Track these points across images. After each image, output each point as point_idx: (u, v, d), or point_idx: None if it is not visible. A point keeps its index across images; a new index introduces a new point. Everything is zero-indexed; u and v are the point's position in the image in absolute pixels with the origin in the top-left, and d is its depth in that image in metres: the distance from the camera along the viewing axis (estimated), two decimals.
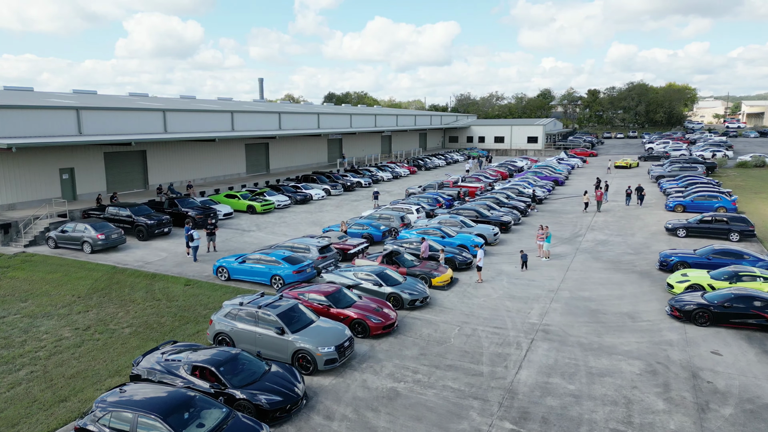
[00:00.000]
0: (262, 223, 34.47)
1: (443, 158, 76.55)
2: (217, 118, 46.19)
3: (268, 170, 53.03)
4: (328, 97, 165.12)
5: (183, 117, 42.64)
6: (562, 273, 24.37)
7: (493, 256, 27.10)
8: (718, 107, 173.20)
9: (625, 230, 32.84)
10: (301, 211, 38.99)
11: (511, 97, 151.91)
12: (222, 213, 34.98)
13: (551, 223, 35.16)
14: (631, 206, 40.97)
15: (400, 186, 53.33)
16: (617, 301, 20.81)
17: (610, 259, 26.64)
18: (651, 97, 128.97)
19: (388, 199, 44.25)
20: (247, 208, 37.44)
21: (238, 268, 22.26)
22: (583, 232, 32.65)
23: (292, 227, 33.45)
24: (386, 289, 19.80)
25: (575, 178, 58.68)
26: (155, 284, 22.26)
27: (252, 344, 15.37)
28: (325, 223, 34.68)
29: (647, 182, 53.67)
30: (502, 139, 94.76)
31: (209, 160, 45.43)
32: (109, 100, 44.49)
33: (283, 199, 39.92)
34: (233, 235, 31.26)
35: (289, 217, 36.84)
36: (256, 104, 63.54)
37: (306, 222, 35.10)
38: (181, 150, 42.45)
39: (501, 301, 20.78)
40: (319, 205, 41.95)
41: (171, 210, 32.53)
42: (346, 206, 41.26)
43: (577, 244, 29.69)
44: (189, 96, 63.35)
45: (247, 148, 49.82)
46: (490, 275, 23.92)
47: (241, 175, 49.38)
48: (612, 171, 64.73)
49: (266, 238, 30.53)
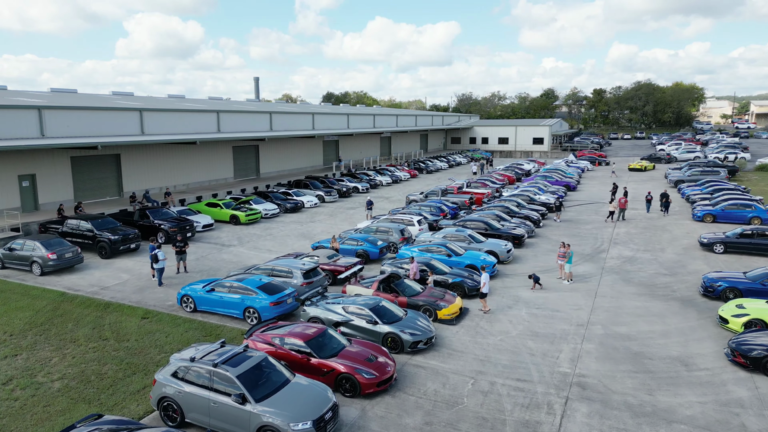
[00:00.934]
0: (245, 236, 30.82)
1: (445, 161, 72.93)
2: (201, 119, 42.58)
3: (258, 174, 49.40)
4: (326, 96, 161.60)
5: (162, 117, 39.04)
6: (590, 300, 20.73)
7: (506, 278, 23.46)
8: (725, 107, 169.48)
9: (653, 244, 29.20)
10: (290, 221, 35.34)
11: (514, 96, 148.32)
12: (201, 224, 31.37)
13: (568, 235, 31.51)
14: (653, 214, 37.32)
15: (400, 191, 49.71)
16: (662, 339, 17.17)
17: (642, 281, 22.99)
18: (658, 97, 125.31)
19: (387, 207, 40.62)
20: (230, 218, 33.81)
21: (207, 297, 18.63)
22: (605, 246, 29.01)
23: (278, 241, 29.81)
24: (383, 327, 16.16)
25: (587, 183, 55.03)
26: (106, 317, 18.62)
27: (205, 414, 11.75)
28: (315, 236, 31.04)
29: (665, 188, 50.00)
30: (507, 140, 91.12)
31: (192, 164, 41.83)
32: (84, 99, 40.88)
33: (271, 207, 36.29)
34: (210, 251, 27.61)
35: (277, 228, 33.19)
36: (244, 104, 60.00)
37: (295, 234, 31.46)
38: (160, 153, 38.85)
39: (522, 339, 17.14)
40: (311, 213, 38.31)
41: (142, 222, 28.90)
42: (340, 215, 37.61)
43: (600, 261, 26.05)
44: (177, 95, 59.82)
45: (235, 151, 46.22)
46: (505, 303, 20.29)
47: (229, 180, 45.77)
48: (616, 174, 61.12)
49: (247, 255, 26.89)
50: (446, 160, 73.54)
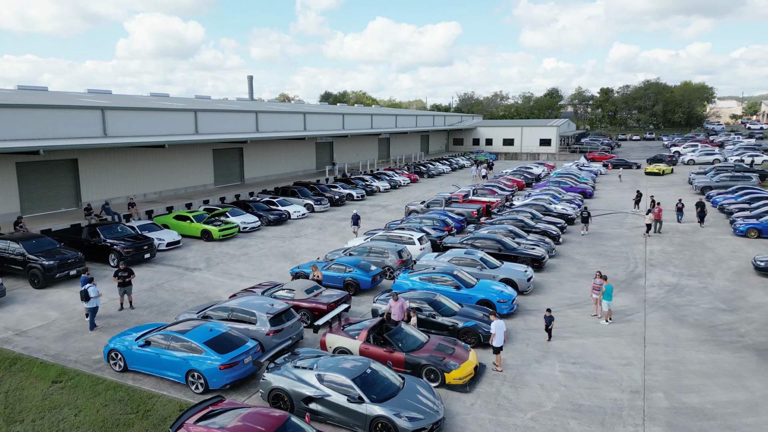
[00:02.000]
0: (215, 257, 26.26)
1: (448, 163, 68.38)
2: (176, 119, 38.06)
3: (243, 180, 44.87)
4: (324, 96, 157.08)
5: (130, 117, 34.52)
6: (639, 349, 16.18)
7: (528, 314, 18.91)
8: (734, 107, 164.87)
9: (697, 267, 24.64)
10: (272, 236, 30.78)
11: (517, 96, 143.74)
12: (164, 242, 26.84)
13: (594, 254, 26.96)
14: (686, 227, 32.76)
15: (399, 198, 45.16)
16: (751, 417, 12.63)
17: (698, 320, 18.44)
18: (668, 97, 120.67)
19: (384, 217, 36.06)
20: (201, 233, 29.27)
21: (140, 354, 14.09)
22: (641, 269, 24.46)
23: (253, 263, 25.25)
24: (370, 408, 11.62)
25: (602, 188, 50.45)
26: (7, 381, 14.08)
27: None
28: (299, 256, 26.49)
29: (690, 195, 45.44)
30: (512, 141, 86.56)
31: (166, 169, 37.30)
32: (46, 97, 36.36)
33: (250, 220, 31.73)
34: (170, 276, 23.05)
35: (255, 246, 28.63)
36: (227, 102, 55.45)
37: (274, 254, 26.91)
38: (127, 158, 34.33)
39: (561, 418, 12.59)
40: (297, 226, 33.73)
41: (91, 241, 24.37)
42: (330, 228, 33.05)
43: (639, 290, 21.49)
44: (161, 94, 55.28)
45: (215, 155, 41.70)
46: (532, 354, 15.75)
47: (209, 187, 41.24)
48: (623, 179, 56.61)
49: (213, 283, 22.34)
50: (449, 162, 68.98)
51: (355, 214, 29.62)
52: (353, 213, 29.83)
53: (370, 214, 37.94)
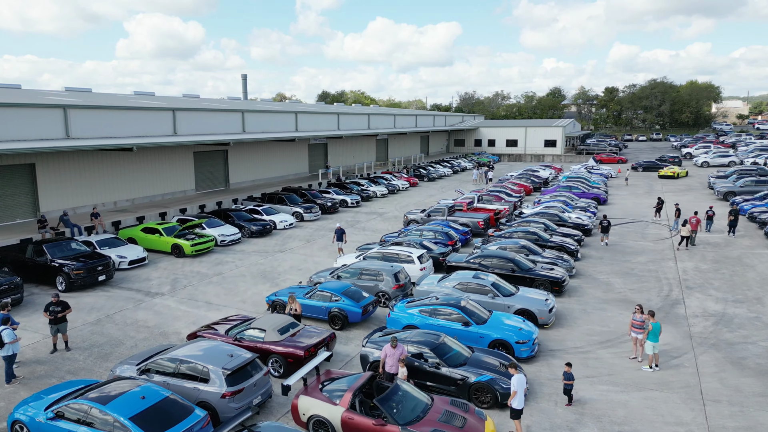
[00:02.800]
0: (183, 278, 22.78)
1: (449, 166, 64.94)
2: (151, 119, 34.59)
3: (228, 185, 41.40)
4: (321, 96, 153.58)
5: (97, 117, 31.06)
6: (698, 411, 12.75)
7: (553, 358, 15.47)
8: (740, 107, 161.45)
9: (741, 290, 21.21)
10: (253, 251, 27.31)
11: (520, 96, 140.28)
12: (126, 260, 23.39)
13: (618, 272, 23.51)
14: (716, 238, 29.32)
15: (398, 204, 41.70)
16: None
17: (761, 365, 15.00)
18: (674, 96, 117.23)
19: (380, 228, 32.59)
20: (171, 248, 25.80)
21: (49, 430, 10.63)
22: (676, 293, 21.02)
23: (226, 286, 21.79)
24: None
25: (616, 193, 47.02)
26: None
27: None
28: (280, 276, 23.03)
29: (712, 201, 42.03)
30: (515, 142, 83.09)
31: (140, 174, 33.85)
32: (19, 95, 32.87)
33: (229, 232, 28.27)
34: (125, 304, 19.58)
35: (231, 263, 25.16)
36: (210, 101, 51.85)
37: (252, 274, 23.44)
38: (94, 162, 30.88)
39: None
40: (283, 238, 30.26)
41: (36, 261, 20.91)
42: (320, 240, 29.59)
43: (681, 323, 18.06)
44: (146, 93, 51.77)
45: (197, 158, 38.23)
46: (563, 418, 12.30)
47: (189, 193, 37.77)
48: (629, 183, 53.25)
49: (174, 313, 18.87)
50: (450, 165, 65.54)
51: (339, 228, 25.59)
52: (337, 227, 25.80)
53: (365, 223, 34.49)
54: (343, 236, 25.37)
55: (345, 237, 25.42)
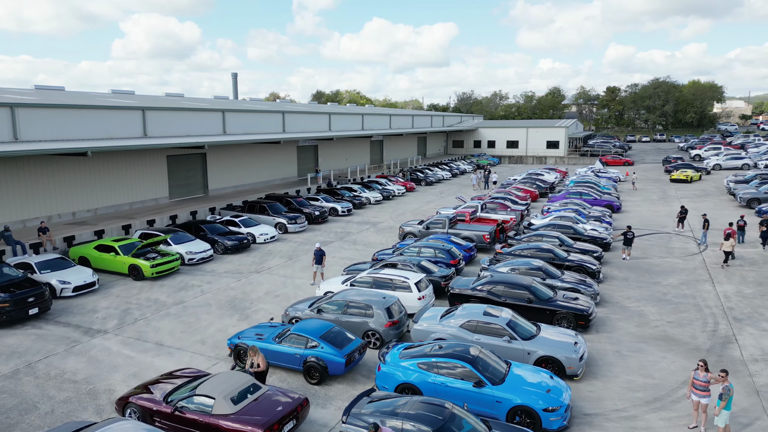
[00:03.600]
0: (136, 307, 19.17)
1: (447, 168, 61.48)
2: (117, 120, 30.98)
3: (207, 192, 37.78)
4: (316, 96, 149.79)
5: (51, 117, 27.43)
6: None
7: (590, 427, 11.97)
8: (742, 107, 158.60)
9: None
10: (225, 271, 23.72)
11: (519, 95, 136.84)
12: (70, 286, 19.78)
13: (650, 297, 20.04)
14: (751, 253, 25.88)
15: (393, 212, 38.17)
16: None
17: None
18: (678, 96, 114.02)
19: (373, 241, 29.02)
20: (128, 269, 22.19)
21: None
22: (724, 326, 17.56)
23: (186, 318, 18.19)
24: None
25: (628, 200, 43.60)
26: None
27: None
28: (253, 304, 19.46)
29: (731, 207, 38.66)
30: (516, 143, 79.67)
31: (104, 181, 30.24)
32: None
33: (199, 248, 24.68)
34: (55, 346, 15.93)
35: (197, 287, 21.56)
36: (184, 101, 47.94)
37: (219, 302, 19.85)
38: (47, 168, 27.27)
39: None
40: (262, 254, 26.68)
41: None
42: (303, 257, 26.02)
43: (739, 369, 14.59)
44: (125, 91, 48.06)
45: (171, 163, 34.62)
46: None
47: (161, 201, 34.14)
48: (637, 187, 49.94)
49: (113, 359, 15.26)
50: (449, 167, 62.07)
51: (318, 249, 21.35)
52: (316, 248, 21.52)
53: (357, 235, 30.95)
54: (323, 259, 21.40)
55: (324, 260, 21.57)
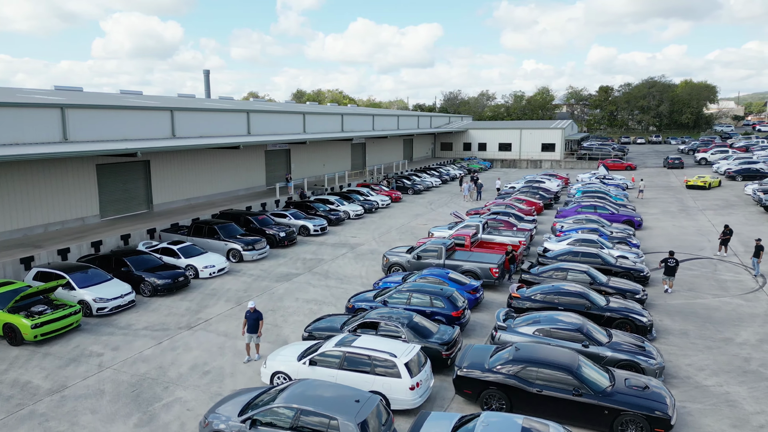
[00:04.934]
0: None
1: (437, 174, 55.67)
2: (29, 119, 24.53)
3: (151, 207, 31.38)
4: (296, 95, 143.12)
5: None
6: None
7: None
8: (734, 108, 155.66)
9: None
10: (145, 327, 17.46)
11: (508, 95, 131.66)
12: None
13: (727, 366, 14.36)
14: None
15: (377, 229, 32.13)
16: None
17: None
18: (673, 96, 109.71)
19: (349, 271, 22.93)
20: (2, 330, 15.86)
21: None
22: None
23: (57, 422, 11.98)
24: None
25: (644, 212, 38.08)
26: None
27: None
28: (167, 390, 13.29)
29: (763, 220, 33.37)
30: (509, 146, 74.19)
31: (6, 198, 23.78)
32: None
33: (114, 293, 18.36)
34: None
35: (95, 359, 15.29)
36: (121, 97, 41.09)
37: (118, 393, 13.58)
38: None
39: None
40: (203, 297, 20.44)
41: None
42: (259, 300, 19.84)
43: None
44: (72, 87, 41.46)
45: (101, 173, 28.21)
46: None
47: (89, 221, 27.70)
48: (644, 195, 44.68)
49: None
50: (438, 173, 56.26)
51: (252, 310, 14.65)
52: (250, 308, 14.66)
53: (330, 264, 24.88)
54: (259, 325, 14.85)
55: (261, 326, 14.96)
